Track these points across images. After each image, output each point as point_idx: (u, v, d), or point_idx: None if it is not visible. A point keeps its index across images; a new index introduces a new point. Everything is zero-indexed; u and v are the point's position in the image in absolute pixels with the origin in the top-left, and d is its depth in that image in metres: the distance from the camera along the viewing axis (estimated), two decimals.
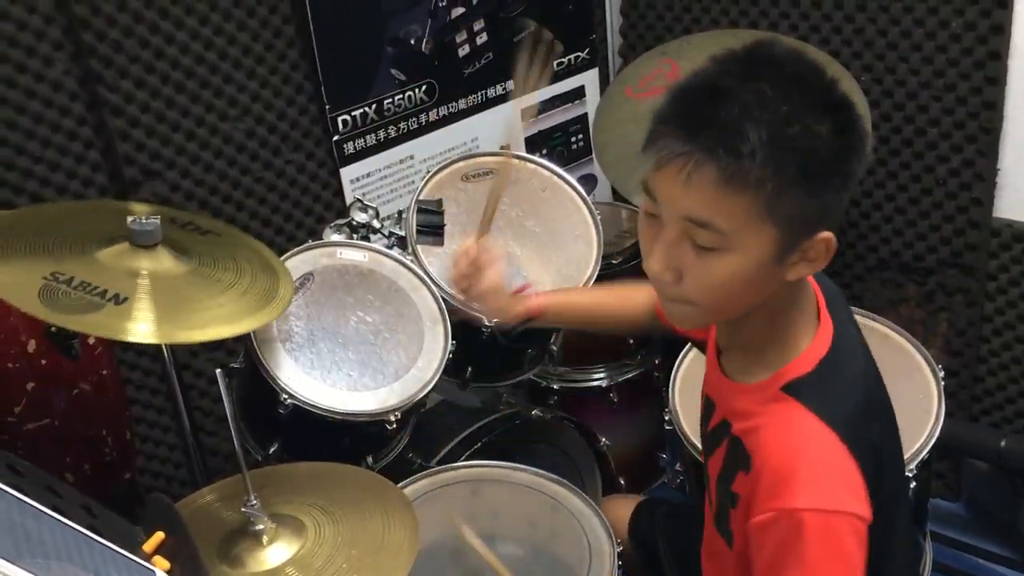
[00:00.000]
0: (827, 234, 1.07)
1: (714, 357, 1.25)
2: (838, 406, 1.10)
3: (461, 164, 1.92)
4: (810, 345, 1.14)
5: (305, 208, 2.20)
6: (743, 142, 0.99)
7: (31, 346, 1.65)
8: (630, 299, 1.54)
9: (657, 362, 2.33)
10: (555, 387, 2.28)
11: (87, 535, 1.07)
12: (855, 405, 1.13)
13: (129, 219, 1.40)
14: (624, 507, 1.72)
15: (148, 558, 1.12)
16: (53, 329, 1.60)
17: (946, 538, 2.28)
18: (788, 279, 1.09)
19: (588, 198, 1.97)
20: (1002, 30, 2.01)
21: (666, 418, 1.80)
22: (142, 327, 1.30)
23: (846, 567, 1.05)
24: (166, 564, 1.11)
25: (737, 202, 1.01)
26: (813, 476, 1.06)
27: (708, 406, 1.27)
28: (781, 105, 1.00)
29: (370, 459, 1.71)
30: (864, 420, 1.13)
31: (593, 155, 2.59)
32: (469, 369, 1.87)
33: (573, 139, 2.64)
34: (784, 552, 1.05)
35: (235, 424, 1.26)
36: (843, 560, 1.05)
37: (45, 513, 1.04)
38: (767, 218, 1.03)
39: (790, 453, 1.08)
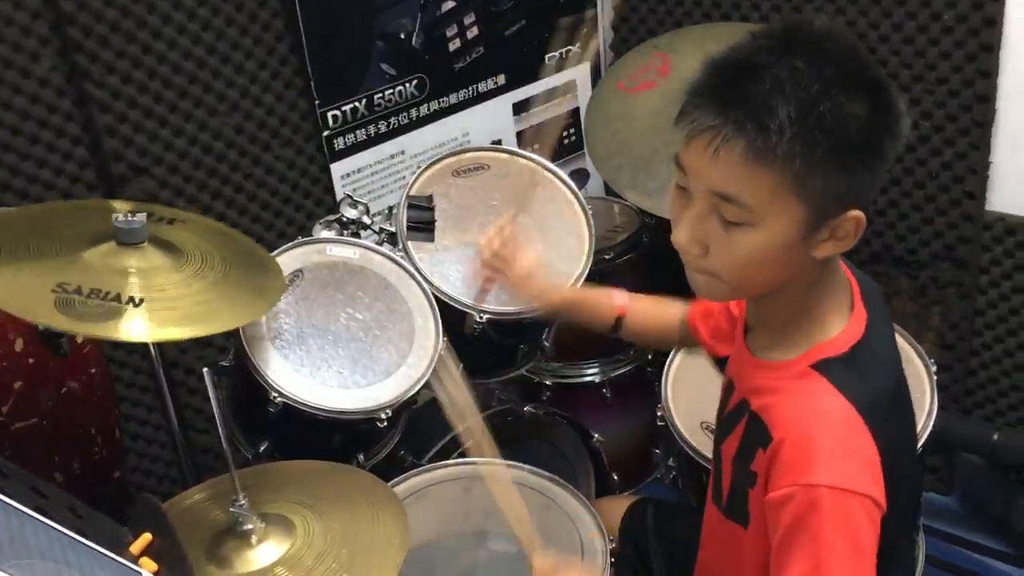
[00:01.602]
0: (857, 213, 1.06)
1: (741, 336, 1.24)
2: (866, 391, 1.09)
3: (452, 159, 1.91)
4: (844, 328, 1.13)
5: (295, 204, 2.19)
6: (771, 118, 0.99)
7: (18, 345, 1.64)
8: (666, 311, 1.57)
9: (650, 357, 2.32)
10: (548, 383, 2.27)
11: (73, 537, 1.06)
12: (883, 395, 1.12)
13: (115, 218, 1.39)
14: (615, 508, 1.71)
15: (135, 560, 1.11)
16: (42, 327, 1.59)
17: (939, 531, 2.27)
18: (817, 257, 1.08)
19: (580, 193, 1.96)
20: (994, 23, 2.00)
21: (659, 414, 1.80)
22: (167, 327, 1.31)
23: (856, 551, 1.03)
24: (153, 566, 1.10)
25: (764, 177, 1.01)
26: (833, 453, 1.05)
27: (728, 389, 1.26)
28: (813, 82, 1.00)
29: (361, 457, 1.70)
30: (889, 411, 1.12)
31: (585, 150, 2.57)
32: (461, 365, 1.86)
33: (565, 134, 2.62)
34: (799, 528, 1.04)
35: (223, 422, 1.25)
36: (854, 542, 1.03)
37: (29, 515, 1.03)
38: (795, 194, 1.02)
39: (811, 427, 1.07)
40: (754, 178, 1.01)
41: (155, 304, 1.34)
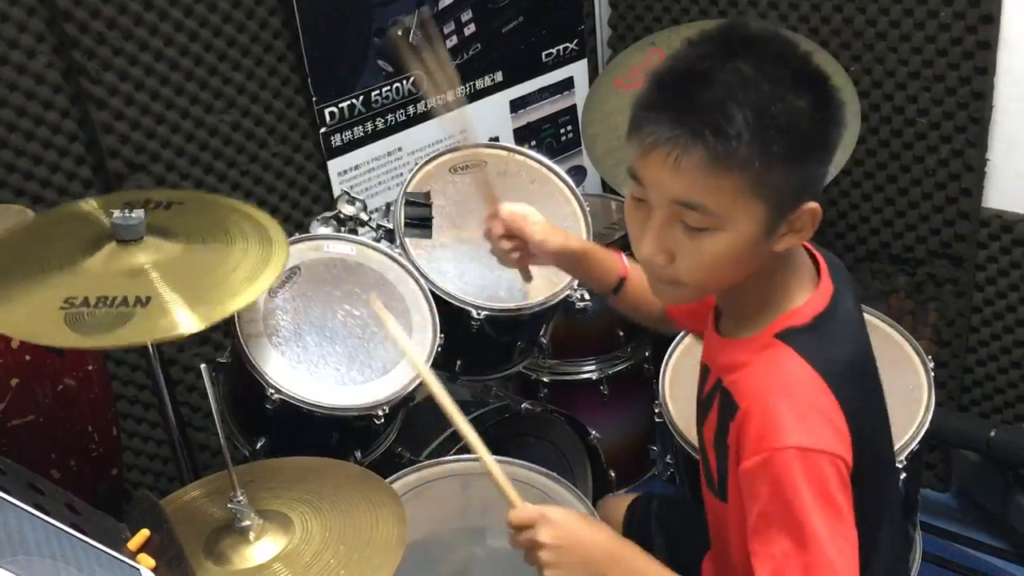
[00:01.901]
0: (812, 204, 1.09)
1: (712, 321, 1.26)
2: (829, 358, 1.11)
3: (449, 156, 1.91)
4: (807, 300, 1.15)
5: (292, 201, 2.19)
6: (730, 123, 1.01)
7: (14, 342, 1.64)
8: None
9: (647, 355, 2.33)
10: (545, 380, 2.27)
11: (71, 533, 1.06)
12: (847, 363, 1.14)
13: (114, 215, 1.38)
14: (618, 506, 1.71)
15: (133, 556, 1.11)
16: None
17: (936, 528, 2.28)
18: (777, 250, 1.11)
19: (577, 190, 1.96)
20: (991, 19, 2.00)
21: (656, 410, 1.80)
22: (182, 317, 1.29)
23: (833, 508, 1.04)
24: (151, 562, 1.10)
25: (725, 182, 1.03)
26: (798, 415, 1.07)
27: (704, 374, 1.28)
28: (763, 83, 1.02)
29: (358, 454, 1.70)
30: (852, 380, 1.13)
31: (582, 146, 2.57)
32: (458, 362, 1.86)
33: (562, 131, 2.63)
34: (775, 495, 1.05)
35: (220, 419, 1.24)
36: (829, 500, 1.04)
37: (27, 512, 1.03)
38: (755, 195, 1.05)
39: (775, 392, 1.09)
40: (715, 184, 1.03)
41: (166, 298, 1.32)
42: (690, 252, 1.08)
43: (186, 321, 1.28)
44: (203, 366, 1.18)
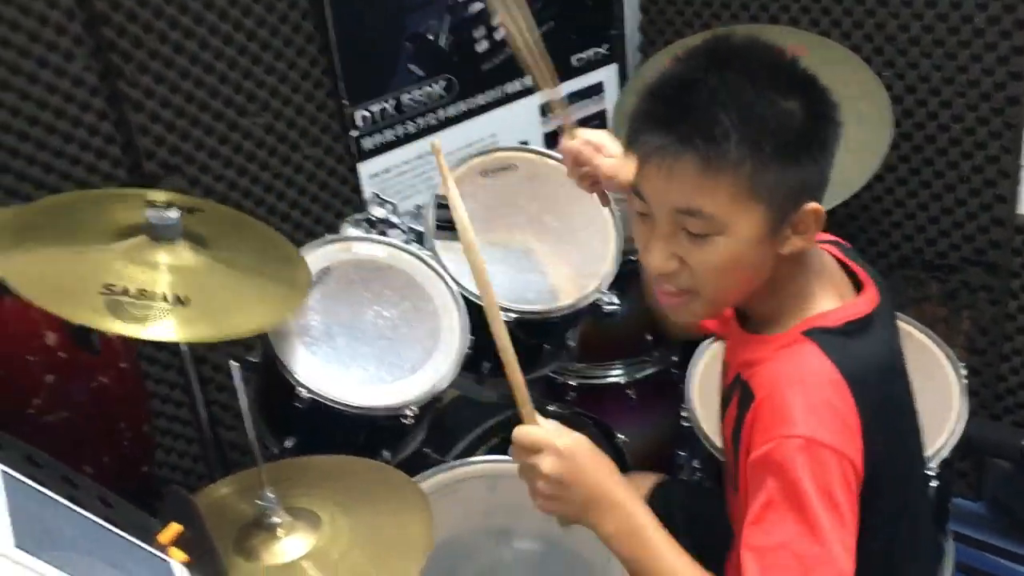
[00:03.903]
0: (813, 205, 1.10)
1: (736, 321, 1.26)
2: (853, 360, 1.11)
3: (480, 160, 1.91)
4: (840, 306, 1.16)
5: (323, 204, 2.20)
6: (716, 125, 1.03)
7: (50, 339, 1.66)
8: None
9: (675, 360, 2.31)
10: (572, 383, 2.27)
11: (103, 526, 1.07)
12: (871, 369, 1.13)
13: (148, 213, 1.40)
14: (639, 484, 1.70)
15: (164, 549, 1.12)
16: (73, 323, 1.61)
17: (968, 538, 2.25)
18: (783, 254, 1.12)
19: (608, 194, 1.95)
20: None
21: (683, 414, 1.79)
22: (219, 322, 1.33)
23: (832, 507, 1.03)
24: (183, 556, 1.11)
25: (720, 185, 1.05)
26: (809, 406, 1.06)
27: (725, 370, 1.29)
28: (748, 87, 1.05)
29: (387, 454, 1.70)
30: (876, 385, 1.12)
31: None
32: (486, 364, 1.86)
33: None
34: (777, 485, 1.04)
35: (251, 416, 1.26)
36: (829, 498, 1.03)
37: (63, 504, 1.05)
38: (752, 197, 1.06)
39: (792, 383, 1.09)
40: (711, 188, 1.05)
41: (200, 301, 1.35)
42: (696, 260, 1.10)
43: (222, 327, 1.30)
44: (233, 364, 1.20)
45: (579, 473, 1.10)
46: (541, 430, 1.14)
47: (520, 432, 1.14)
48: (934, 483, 1.59)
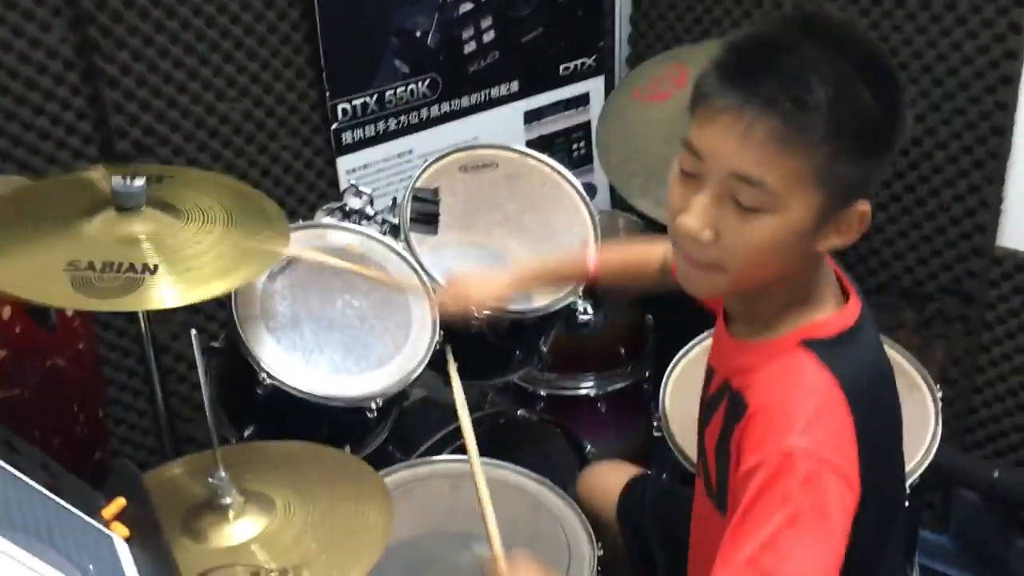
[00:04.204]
0: (864, 206, 1.05)
1: (722, 322, 1.22)
2: (851, 372, 1.07)
3: (460, 155, 1.89)
4: (832, 315, 1.11)
5: (298, 196, 2.16)
6: (809, 93, 0.97)
7: (5, 313, 1.61)
8: (643, 257, 1.55)
9: (647, 374, 2.29)
10: (542, 393, 2.23)
11: (44, 494, 1.02)
12: (867, 380, 1.10)
13: (113, 183, 1.36)
14: (614, 476, 1.66)
15: (107, 524, 1.07)
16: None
17: (933, 571, 2.23)
18: (818, 250, 1.07)
19: (588, 198, 1.93)
20: (1016, 56, 1.99)
21: (655, 424, 1.76)
22: (189, 287, 1.30)
23: (825, 526, 0.99)
24: (125, 531, 1.06)
25: (791, 161, 0.99)
26: (810, 420, 1.02)
27: (709, 375, 1.23)
28: (846, 66, 0.99)
29: (348, 449, 1.66)
30: (872, 398, 1.09)
31: (594, 163, 2.55)
32: (456, 363, 1.82)
33: (575, 146, 2.61)
34: (768, 492, 0.99)
35: (208, 395, 1.21)
36: (823, 513, 0.99)
37: (3, 469, 1.00)
38: (816, 181, 1.01)
39: (789, 395, 1.04)
40: (781, 161, 0.99)
41: (172, 268, 1.32)
42: (737, 232, 1.03)
43: (193, 292, 1.28)
44: (193, 332, 1.15)
45: None
46: (502, 559, 1.19)
47: (487, 567, 1.19)
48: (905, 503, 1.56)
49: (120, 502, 1.09)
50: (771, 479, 1.00)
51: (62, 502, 1.03)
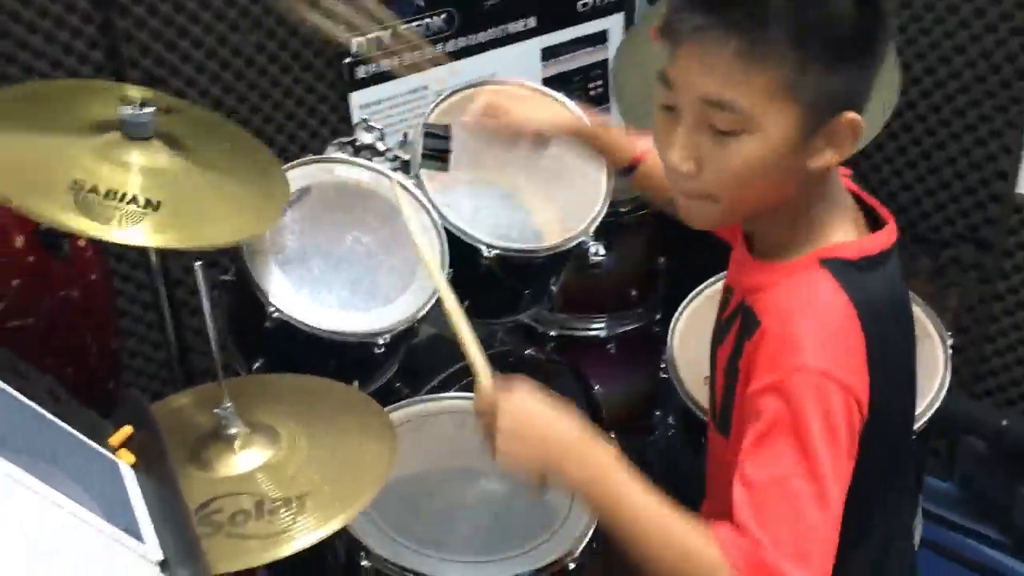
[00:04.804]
0: (852, 115, 1.02)
1: (744, 246, 1.19)
2: (868, 294, 1.05)
3: (474, 90, 1.86)
4: (855, 240, 1.09)
5: (310, 130, 2.15)
6: (766, 10, 0.96)
7: (18, 242, 1.61)
8: None
9: (658, 317, 2.28)
10: (552, 333, 2.23)
11: (50, 419, 1.04)
12: (884, 304, 1.08)
13: (121, 110, 1.35)
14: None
15: (113, 451, 1.08)
16: (42, 227, 1.57)
17: (936, 516, 2.24)
18: (812, 167, 1.05)
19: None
20: None
21: (662, 366, 1.76)
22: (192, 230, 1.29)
23: (835, 445, 0.98)
24: (131, 458, 1.08)
25: (758, 78, 0.98)
26: (820, 337, 1.01)
27: (726, 297, 1.22)
28: None
29: (356, 384, 1.67)
30: (886, 323, 1.07)
31: (611, 102, 2.52)
32: (466, 303, 1.82)
33: (591, 85, 2.57)
34: (779, 417, 0.99)
35: (212, 323, 1.21)
36: (833, 435, 0.98)
37: (6, 391, 1.01)
38: (789, 95, 0.99)
39: (801, 311, 1.03)
40: (748, 79, 0.98)
41: (172, 206, 1.30)
42: (718, 159, 1.02)
43: (193, 236, 1.26)
44: (196, 264, 1.15)
45: (530, 420, 1.07)
46: (488, 390, 1.10)
47: (477, 400, 1.11)
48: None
49: (127, 430, 1.10)
50: (783, 400, 0.99)
51: (68, 428, 1.04)
